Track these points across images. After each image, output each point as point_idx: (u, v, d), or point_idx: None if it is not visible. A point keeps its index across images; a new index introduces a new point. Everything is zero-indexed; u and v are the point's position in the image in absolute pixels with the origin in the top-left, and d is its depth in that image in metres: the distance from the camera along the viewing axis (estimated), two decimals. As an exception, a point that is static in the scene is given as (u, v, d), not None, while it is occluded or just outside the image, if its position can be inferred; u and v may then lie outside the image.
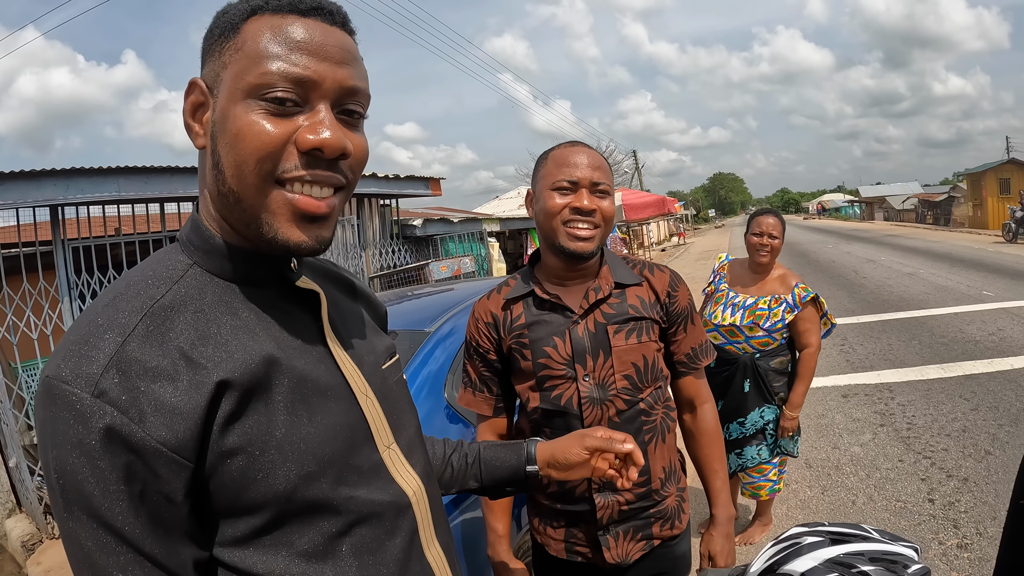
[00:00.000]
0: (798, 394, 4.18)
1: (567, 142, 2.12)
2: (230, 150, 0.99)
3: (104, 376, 0.89)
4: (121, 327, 0.94)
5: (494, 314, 2.17)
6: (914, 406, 7.02)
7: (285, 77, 0.97)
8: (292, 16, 1.01)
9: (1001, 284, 15.06)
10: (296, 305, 1.14)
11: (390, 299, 4.45)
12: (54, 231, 6.42)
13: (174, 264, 1.06)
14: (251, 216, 1.01)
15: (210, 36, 1.05)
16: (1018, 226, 27.13)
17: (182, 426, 0.91)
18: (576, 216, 1.99)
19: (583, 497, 2.10)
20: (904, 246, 30.20)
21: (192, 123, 1.05)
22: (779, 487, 4.45)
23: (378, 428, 1.18)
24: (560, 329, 2.07)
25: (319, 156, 1.00)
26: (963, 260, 21.25)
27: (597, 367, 2.05)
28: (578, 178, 2.00)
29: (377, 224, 12.40)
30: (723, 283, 4.44)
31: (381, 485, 1.14)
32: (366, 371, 1.20)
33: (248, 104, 0.98)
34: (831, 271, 21.42)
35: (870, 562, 1.60)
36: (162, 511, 0.92)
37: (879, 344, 10.09)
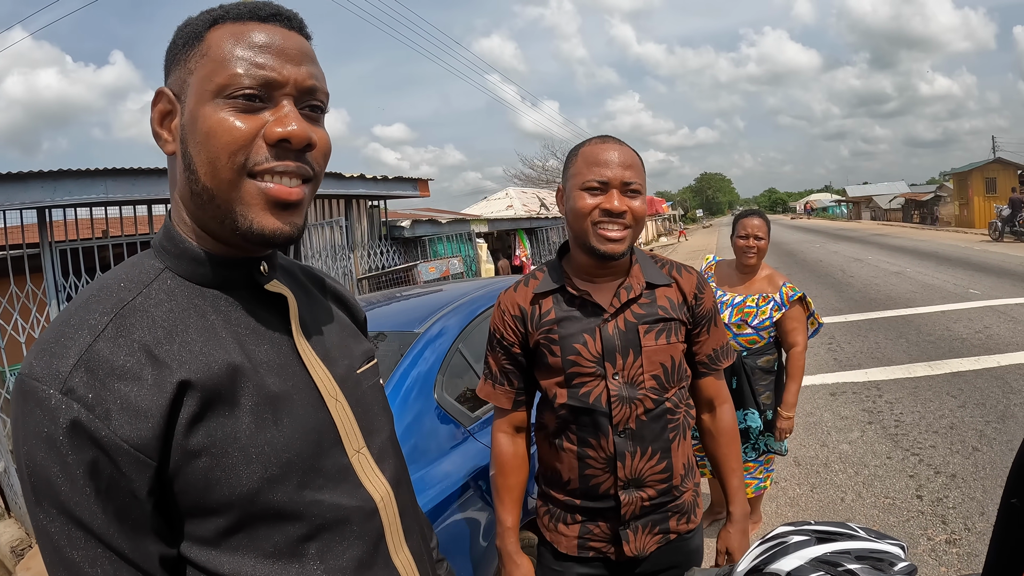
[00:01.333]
0: (791, 394, 4.19)
1: (598, 137, 2.09)
2: (202, 148, 1.03)
3: (72, 374, 0.93)
4: (91, 327, 0.97)
5: (522, 307, 2.13)
6: (902, 404, 7.07)
7: (250, 76, 1.02)
8: (253, 23, 1.06)
9: (987, 282, 15.15)
10: (266, 308, 1.17)
11: (379, 300, 4.45)
12: (41, 233, 6.40)
13: (146, 268, 1.10)
14: (226, 211, 1.05)
15: (173, 48, 1.09)
16: (1004, 225, 27.27)
17: (145, 425, 0.94)
18: (606, 218, 1.97)
19: (607, 494, 2.10)
20: (891, 245, 30.33)
21: (160, 131, 1.10)
22: (765, 485, 4.46)
23: (347, 432, 1.19)
24: (591, 326, 2.06)
25: (287, 147, 1.05)
26: (949, 259, 21.36)
27: (627, 366, 2.05)
28: (608, 178, 1.96)
29: (365, 225, 12.40)
30: (711, 282, 4.45)
31: (348, 489, 1.16)
32: (338, 374, 1.22)
33: (217, 103, 1.02)
34: (818, 270, 21.49)
35: (856, 560, 1.62)
36: (128, 507, 0.95)
37: (867, 342, 10.14)
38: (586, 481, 2.10)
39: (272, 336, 1.14)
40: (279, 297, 1.18)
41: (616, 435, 2.04)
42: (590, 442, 2.07)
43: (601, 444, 2.06)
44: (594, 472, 2.08)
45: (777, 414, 4.23)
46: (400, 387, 2.88)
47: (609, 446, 2.05)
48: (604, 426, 2.04)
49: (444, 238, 15.16)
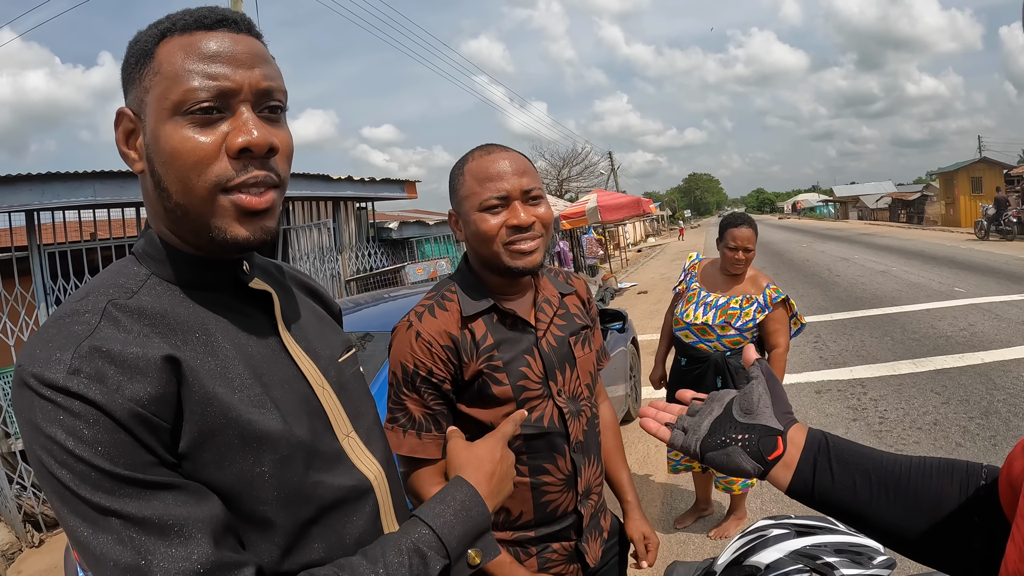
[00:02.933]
0: None
1: (482, 148, 1.96)
2: (169, 169, 1.04)
3: (75, 359, 0.93)
4: (87, 321, 0.99)
5: (451, 335, 1.90)
6: (886, 401, 7.12)
7: (204, 89, 1.02)
8: (200, 32, 1.05)
9: (972, 280, 15.23)
10: (251, 306, 1.20)
11: (366, 301, 4.48)
12: (30, 236, 6.40)
13: (132, 274, 1.11)
14: (200, 225, 1.07)
15: (127, 66, 1.09)
16: (990, 224, 27.41)
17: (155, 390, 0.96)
18: (516, 235, 1.85)
19: (566, 513, 2.02)
20: (878, 244, 30.43)
21: (127, 150, 1.10)
22: (752, 482, 4.49)
23: (336, 418, 1.24)
24: (527, 346, 1.96)
25: (250, 156, 1.05)
26: (935, 257, 21.46)
27: (567, 381, 2.01)
28: (507, 191, 1.84)
29: (353, 227, 12.41)
30: (695, 282, 4.51)
31: (343, 471, 1.20)
32: (321, 364, 1.27)
33: (176, 121, 1.03)
34: (805, 270, 21.56)
35: (835, 553, 1.66)
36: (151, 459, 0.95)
37: (852, 341, 10.21)
38: (543, 509, 1.99)
39: (259, 331, 1.18)
40: (262, 294, 1.22)
41: (572, 452, 1.99)
42: (545, 467, 1.97)
43: (559, 466, 1.98)
44: (552, 496, 1.99)
45: None
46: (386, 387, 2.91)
47: (567, 465, 1.99)
48: (560, 446, 1.97)
49: (432, 239, 15.16)
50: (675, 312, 4.57)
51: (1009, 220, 26.50)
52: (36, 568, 5.29)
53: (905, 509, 1.02)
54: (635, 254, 39.56)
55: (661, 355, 4.88)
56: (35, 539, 5.66)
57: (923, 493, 1.01)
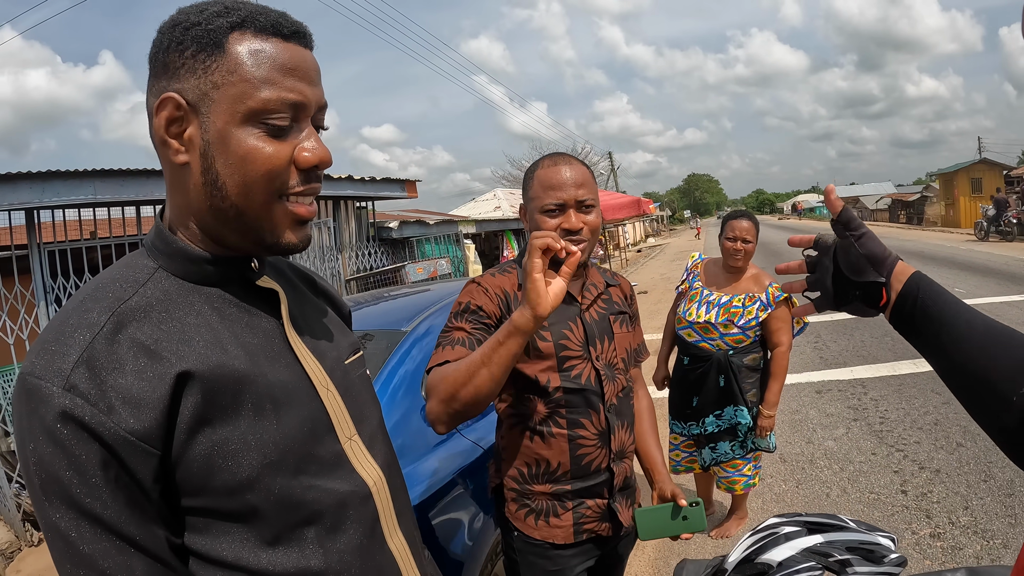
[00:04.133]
0: (773, 392, 4.25)
1: (550, 157, 2.23)
2: (236, 171, 1.06)
3: (74, 372, 0.95)
4: (90, 326, 1.00)
5: (506, 291, 2.18)
6: (887, 401, 7.12)
7: (284, 102, 1.06)
8: (276, 39, 1.08)
9: (972, 281, 15.25)
10: (258, 303, 1.20)
11: (367, 300, 4.48)
12: (29, 235, 6.39)
13: (140, 268, 1.12)
14: (253, 228, 1.10)
15: (179, 48, 1.05)
16: (990, 224, 27.42)
17: (148, 416, 0.97)
18: (566, 236, 2.10)
19: (599, 470, 2.23)
20: (877, 245, 30.34)
21: (168, 139, 1.07)
22: (754, 482, 4.50)
23: (339, 420, 1.23)
24: (572, 315, 2.23)
25: (315, 171, 1.11)
26: (935, 258, 21.45)
27: (605, 350, 2.26)
28: (565, 200, 2.12)
29: (353, 226, 12.40)
30: (697, 281, 4.50)
31: (342, 475, 1.20)
32: (327, 365, 1.27)
33: (250, 128, 1.05)
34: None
35: (847, 551, 1.65)
36: (136, 497, 0.97)
37: (852, 341, 10.21)
38: (579, 461, 2.20)
39: (265, 329, 1.18)
40: (270, 292, 1.23)
41: (607, 411, 2.22)
42: (581, 422, 2.19)
43: (593, 421, 2.20)
44: (587, 450, 2.20)
45: (760, 412, 4.28)
46: (388, 385, 2.91)
47: (601, 422, 2.22)
48: (596, 403, 2.21)
49: (432, 239, 15.15)
50: (678, 311, 4.56)
51: (1009, 221, 26.52)
52: (35, 567, 5.28)
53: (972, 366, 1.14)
54: (635, 254, 39.56)
55: (664, 355, 4.86)
56: (34, 538, 5.64)
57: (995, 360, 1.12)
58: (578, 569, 2.28)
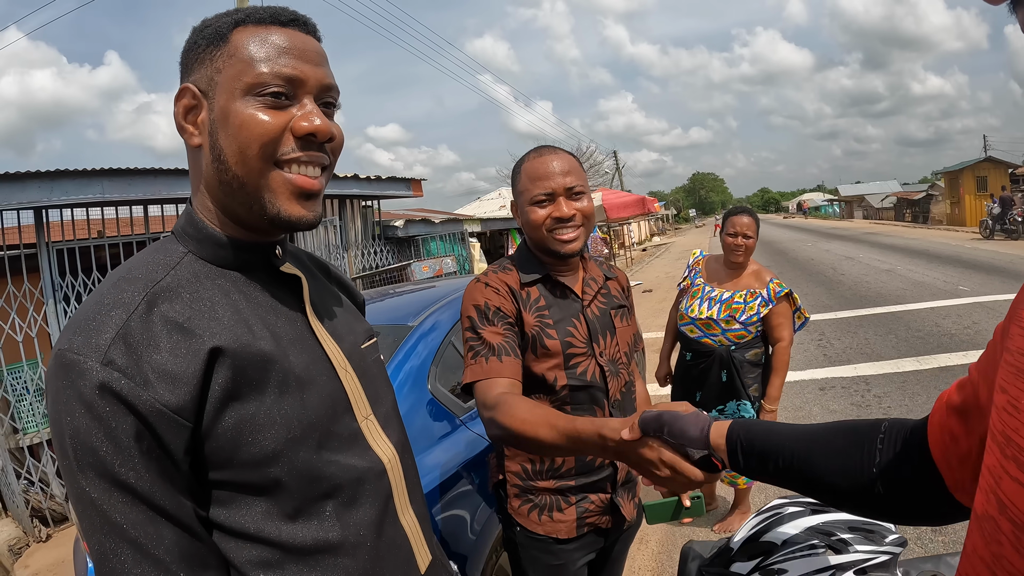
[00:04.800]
0: (775, 387, 4.27)
1: (535, 151, 2.25)
2: (233, 140, 1.12)
3: (112, 347, 1.00)
4: (125, 305, 1.05)
5: (512, 288, 2.18)
6: (890, 398, 7.13)
7: (278, 76, 1.13)
8: (274, 27, 1.17)
9: (977, 279, 15.21)
10: (281, 288, 1.28)
11: (373, 297, 4.49)
12: (38, 233, 6.42)
13: (171, 252, 1.19)
14: (254, 197, 1.15)
15: (195, 47, 1.18)
16: (995, 223, 27.34)
17: (183, 390, 1.02)
18: (559, 224, 2.15)
19: (603, 464, 2.25)
20: (882, 243, 30.39)
21: (186, 125, 1.18)
22: None
23: (356, 400, 1.30)
24: (575, 312, 2.24)
25: (312, 140, 1.16)
26: (940, 256, 21.42)
27: (607, 345, 2.27)
28: (553, 189, 2.14)
29: (359, 225, 12.42)
30: (699, 278, 4.54)
31: (359, 452, 1.27)
32: (346, 348, 1.34)
33: (247, 100, 1.12)
34: (810, 268, 21.53)
35: (849, 531, 1.69)
36: (168, 468, 1.02)
37: (856, 338, 10.20)
38: (583, 457, 2.20)
39: (288, 313, 1.25)
40: (293, 278, 1.30)
41: (611, 407, 2.23)
42: None
43: (598, 417, 2.10)
44: None
45: (761, 407, 4.30)
46: (394, 379, 2.93)
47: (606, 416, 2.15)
48: (600, 399, 2.22)
49: (437, 238, 15.17)
50: (680, 308, 4.59)
51: (1014, 219, 26.44)
52: (44, 563, 5.32)
53: (815, 475, 1.21)
54: (640, 253, 39.53)
55: (666, 352, 4.90)
56: (42, 534, 5.69)
57: (829, 461, 1.19)
58: (580, 562, 2.29)
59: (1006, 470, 0.71)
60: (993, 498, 0.73)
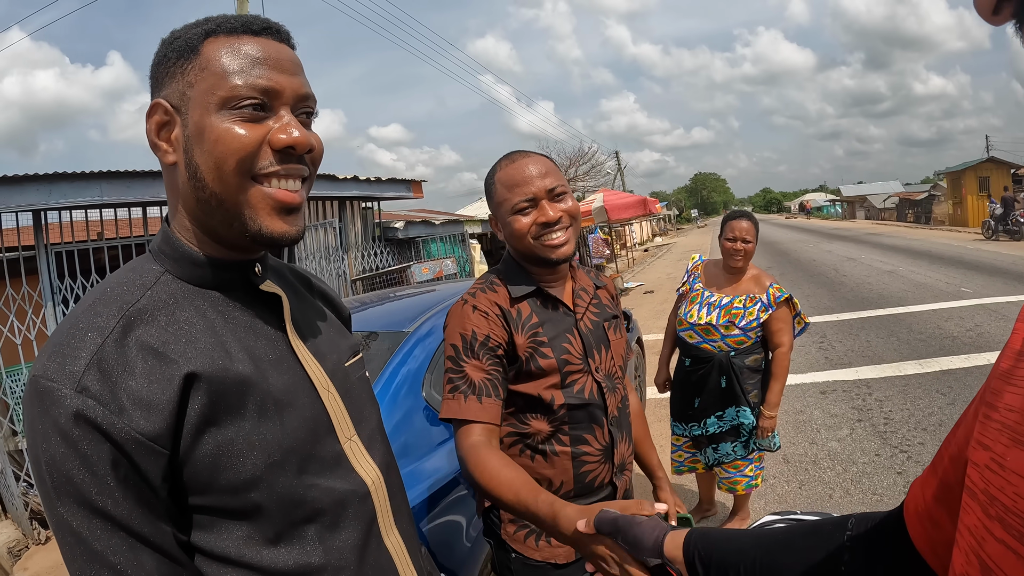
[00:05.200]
0: (775, 393, 4.24)
1: (506, 158, 2.14)
2: (209, 156, 1.09)
3: (86, 374, 0.98)
4: (100, 329, 1.03)
5: (503, 308, 2.07)
6: (891, 401, 7.10)
7: (252, 88, 1.10)
8: (247, 36, 1.13)
9: (979, 281, 15.16)
10: (261, 307, 1.25)
11: (371, 300, 4.50)
12: (37, 236, 6.42)
13: (147, 272, 1.16)
14: (234, 215, 1.12)
15: (165, 61, 1.14)
16: (998, 223, 27.30)
17: (158, 417, 1.00)
18: (545, 230, 2.04)
19: (603, 485, 2.18)
20: (884, 244, 30.33)
21: (159, 142, 1.14)
22: (756, 482, 4.50)
23: (339, 421, 1.28)
24: (568, 327, 2.14)
25: (290, 153, 1.13)
26: (942, 257, 21.37)
27: (603, 360, 2.18)
28: (533, 193, 2.03)
29: (359, 226, 12.42)
30: (698, 283, 4.51)
31: (342, 474, 1.24)
32: (328, 367, 1.31)
33: (222, 115, 1.09)
34: (811, 270, 21.46)
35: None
36: (145, 495, 1.00)
37: (858, 341, 10.17)
38: (582, 479, 2.13)
39: (268, 333, 1.22)
40: (273, 296, 1.27)
41: (610, 424, 2.16)
42: (584, 438, 2.12)
43: (597, 436, 2.13)
44: (591, 467, 2.13)
45: (761, 413, 4.29)
46: (390, 385, 2.93)
47: (605, 436, 2.15)
48: (599, 418, 2.13)
49: (438, 239, 15.17)
50: (679, 313, 4.56)
51: (1016, 220, 26.39)
52: (43, 565, 5.31)
53: None
54: (641, 254, 39.52)
55: (665, 357, 4.87)
56: (42, 536, 5.68)
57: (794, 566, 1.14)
58: None
59: (990, 531, 0.69)
60: (975, 559, 0.71)
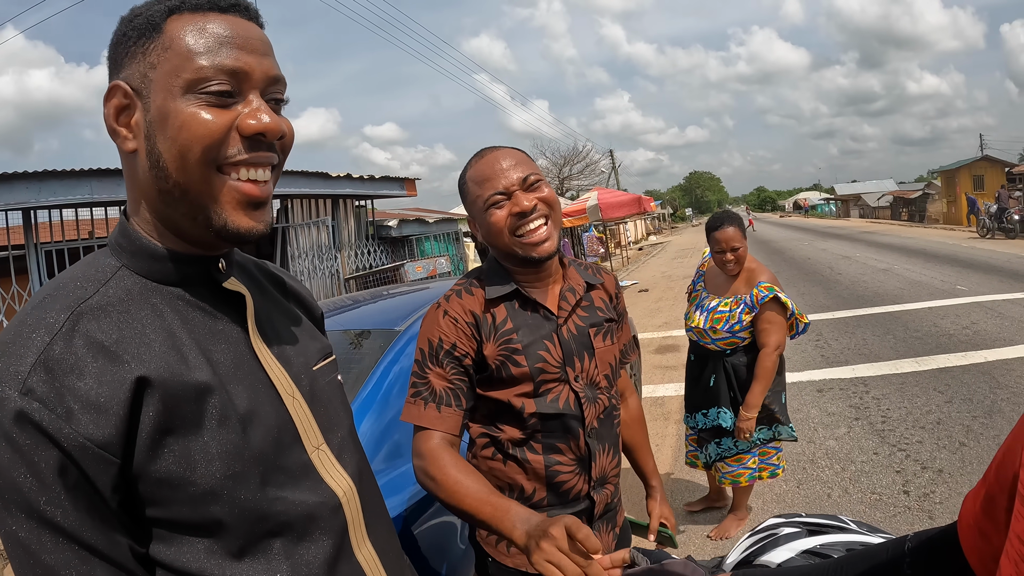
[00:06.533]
0: (754, 395, 4.25)
1: (476, 155, 2.07)
2: (173, 143, 1.02)
3: (32, 374, 0.91)
4: (48, 326, 0.96)
5: (475, 314, 2.00)
6: (888, 399, 7.08)
7: (220, 70, 1.02)
8: (213, 14, 1.05)
9: (974, 278, 15.20)
10: (222, 306, 1.16)
11: (364, 299, 4.48)
12: (27, 235, 6.38)
13: (103, 266, 1.08)
14: (198, 207, 1.05)
15: (124, 40, 1.06)
16: (992, 222, 27.38)
17: (107, 422, 0.94)
18: (522, 220, 1.94)
19: (578, 497, 2.08)
20: (879, 243, 30.43)
21: (118, 127, 1.06)
22: (759, 475, 4.54)
23: (306, 429, 1.19)
24: (547, 332, 2.03)
25: (260, 140, 1.06)
26: (937, 256, 21.44)
27: (585, 368, 2.06)
28: (505, 186, 1.94)
29: (352, 225, 12.40)
30: (700, 282, 4.71)
31: (310, 486, 1.17)
32: (293, 372, 1.22)
33: (187, 99, 1.01)
34: (806, 268, 21.54)
35: (847, 552, 1.61)
36: (96, 505, 0.94)
37: (854, 339, 10.17)
38: (556, 488, 2.06)
39: (229, 334, 1.14)
40: (236, 295, 1.18)
41: (587, 436, 2.05)
42: (558, 447, 2.04)
43: (572, 447, 2.04)
44: (565, 477, 2.05)
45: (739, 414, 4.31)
46: (381, 384, 2.89)
47: (581, 447, 2.05)
48: (575, 429, 2.04)
49: (431, 237, 15.17)
50: (685, 314, 4.73)
51: (1011, 218, 26.47)
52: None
53: None
54: (636, 252, 39.60)
55: None
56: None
57: None
58: None
59: None
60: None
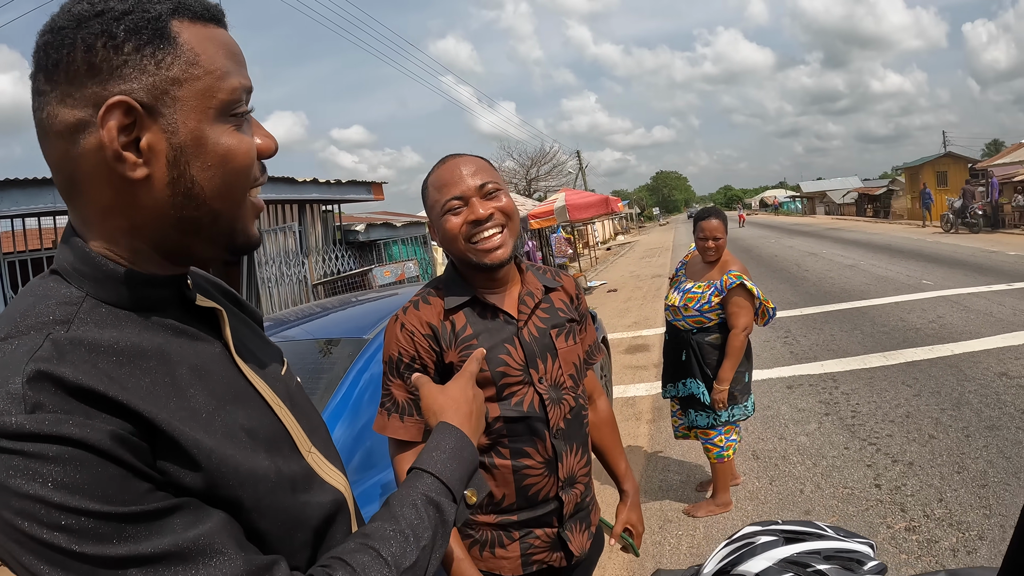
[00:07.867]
0: (725, 369, 4.69)
1: (439, 162, 2.07)
2: (216, 173, 0.95)
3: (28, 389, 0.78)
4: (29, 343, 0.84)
5: (432, 325, 2.02)
6: (858, 394, 7.14)
7: (246, 90, 0.98)
8: (213, 25, 0.97)
9: (939, 273, 15.38)
10: (199, 325, 1.07)
11: (332, 306, 4.46)
12: (-14, 246, 6.28)
13: (63, 299, 0.93)
14: (227, 231, 1.01)
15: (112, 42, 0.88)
16: (956, 216, 27.70)
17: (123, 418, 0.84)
18: (476, 228, 1.95)
19: (547, 499, 2.08)
20: (845, 239, 30.73)
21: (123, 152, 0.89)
22: (727, 454, 4.81)
23: (296, 435, 1.15)
24: (508, 336, 2.04)
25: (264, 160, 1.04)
26: (903, 251, 21.68)
27: (548, 370, 2.07)
28: (462, 192, 1.95)
29: (319, 230, 12.33)
30: (682, 269, 5.14)
31: (317, 487, 1.14)
32: (270, 381, 1.17)
33: (222, 124, 0.95)
34: (773, 265, 21.68)
35: (825, 560, 1.60)
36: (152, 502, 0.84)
37: (822, 335, 10.24)
38: (525, 492, 2.05)
39: (212, 353, 1.06)
40: (209, 312, 1.10)
41: (552, 437, 2.05)
42: (526, 451, 2.04)
43: (539, 449, 2.04)
44: (534, 480, 2.05)
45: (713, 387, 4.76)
46: (352, 392, 2.87)
47: (548, 449, 2.05)
48: (541, 431, 2.04)
49: (399, 241, 15.11)
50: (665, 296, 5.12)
51: (975, 213, 26.79)
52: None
53: None
54: (604, 252, 39.69)
55: None
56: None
57: None
58: None
59: None
60: None
